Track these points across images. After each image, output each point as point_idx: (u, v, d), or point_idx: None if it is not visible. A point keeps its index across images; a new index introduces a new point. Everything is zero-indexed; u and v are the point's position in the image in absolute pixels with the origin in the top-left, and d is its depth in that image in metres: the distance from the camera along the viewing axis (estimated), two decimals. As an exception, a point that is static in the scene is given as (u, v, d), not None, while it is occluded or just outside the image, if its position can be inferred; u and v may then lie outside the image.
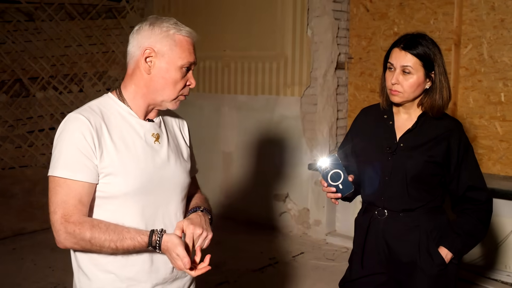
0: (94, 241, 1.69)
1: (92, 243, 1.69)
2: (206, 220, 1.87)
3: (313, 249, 4.99)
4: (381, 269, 2.31)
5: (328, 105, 5.22)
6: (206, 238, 1.80)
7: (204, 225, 1.81)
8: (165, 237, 1.71)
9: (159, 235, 1.71)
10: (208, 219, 1.90)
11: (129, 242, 1.70)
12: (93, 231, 1.68)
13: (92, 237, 1.68)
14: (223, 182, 5.97)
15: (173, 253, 1.69)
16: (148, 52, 1.79)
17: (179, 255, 1.67)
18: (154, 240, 1.71)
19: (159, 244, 1.70)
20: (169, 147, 1.93)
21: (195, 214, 1.88)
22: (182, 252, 1.67)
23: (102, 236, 1.69)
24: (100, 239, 1.68)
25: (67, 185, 1.71)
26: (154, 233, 1.72)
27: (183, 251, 1.67)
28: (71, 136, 1.73)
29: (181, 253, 1.67)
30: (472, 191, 2.26)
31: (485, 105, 4.50)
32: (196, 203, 2.03)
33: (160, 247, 1.71)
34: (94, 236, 1.68)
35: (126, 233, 1.71)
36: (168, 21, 1.83)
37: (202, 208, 1.95)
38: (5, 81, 5.38)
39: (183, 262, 1.67)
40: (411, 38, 2.21)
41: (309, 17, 5.16)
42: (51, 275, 4.32)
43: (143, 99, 1.85)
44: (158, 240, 1.70)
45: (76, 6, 5.79)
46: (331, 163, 2.09)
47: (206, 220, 1.86)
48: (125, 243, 1.70)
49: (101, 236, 1.69)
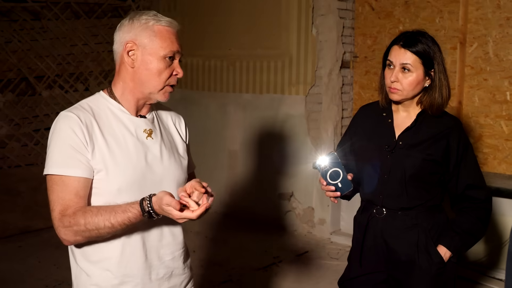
0: (89, 225, 1.68)
1: (88, 228, 1.68)
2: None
3: (317, 248, 4.98)
4: (380, 268, 2.31)
5: (333, 104, 5.21)
6: (206, 187, 1.70)
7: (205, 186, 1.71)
8: (153, 198, 1.66)
9: (149, 199, 1.67)
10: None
11: (123, 216, 1.67)
12: (85, 216, 1.68)
13: (86, 222, 1.68)
14: (228, 181, 5.97)
15: (164, 207, 1.62)
16: (129, 46, 1.81)
17: (169, 204, 1.60)
18: (145, 205, 1.66)
19: (151, 207, 1.65)
20: (163, 142, 1.92)
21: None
22: (169, 198, 1.60)
23: (95, 218, 1.68)
24: (94, 221, 1.67)
25: (62, 182, 1.73)
26: (143, 200, 1.67)
27: (170, 197, 1.60)
28: (62, 134, 1.74)
29: (168, 200, 1.60)
30: (471, 190, 2.25)
31: (490, 104, 4.48)
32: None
33: (154, 210, 1.65)
34: (88, 221, 1.67)
35: (118, 208, 1.69)
36: (148, 14, 1.83)
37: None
38: (11, 79, 5.41)
39: (172, 205, 1.59)
40: (411, 36, 2.20)
41: (314, 15, 5.15)
42: (55, 272, 4.33)
43: (131, 94, 1.86)
44: (148, 203, 1.66)
45: (82, 5, 5.82)
46: (330, 162, 2.08)
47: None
48: (119, 217, 1.67)
49: (94, 219, 1.68)
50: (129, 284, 1.84)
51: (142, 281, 1.85)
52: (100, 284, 1.83)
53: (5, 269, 4.41)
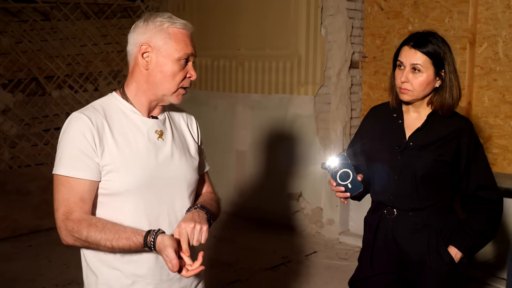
0: (91, 240, 1.70)
1: (89, 241, 1.71)
2: (200, 215, 1.80)
3: (326, 248, 4.98)
4: (390, 268, 2.31)
5: (341, 104, 5.21)
6: (201, 230, 1.73)
7: (196, 219, 1.75)
8: (159, 238, 1.67)
9: (154, 235, 1.68)
10: (204, 214, 1.84)
11: (125, 242, 1.69)
12: (89, 230, 1.70)
13: (88, 235, 1.70)
14: (237, 181, 5.98)
15: (164, 255, 1.65)
16: (144, 48, 1.81)
17: (168, 257, 1.63)
18: (148, 241, 1.68)
19: (154, 245, 1.67)
20: (174, 143, 1.93)
21: (188, 213, 1.83)
22: (171, 254, 1.63)
23: (98, 235, 1.69)
24: (96, 238, 1.69)
25: (68, 183, 1.74)
26: (149, 234, 1.69)
27: (172, 252, 1.63)
28: (72, 135, 1.76)
29: (170, 255, 1.63)
30: (482, 190, 2.24)
31: (500, 104, 4.46)
32: (197, 202, 1.99)
33: (155, 248, 1.68)
34: (90, 235, 1.69)
35: (122, 232, 1.70)
36: (162, 16, 1.83)
37: (197, 206, 1.89)
38: (21, 80, 5.45)
39: (172, 264, 1.62)
40: (421, 36, 2.20)
41: (323, 16, 5.15)
42: (65, 272, 4.36)
43: (144, 95, 1.87)
44: (152, 241, 1.67)
45: (91, 5, 5.85)
46: (340, 163, 2.08)
47: (199, 215, 1.80)
48: (121, 243, 1.69)
49: (97, 235, 1.69)
50: (140, 284, 1.84)
51: (153, 281, 1.85)
52: (111, 283, 1.84)
53: (16, 268, 4.44)
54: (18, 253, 4.81)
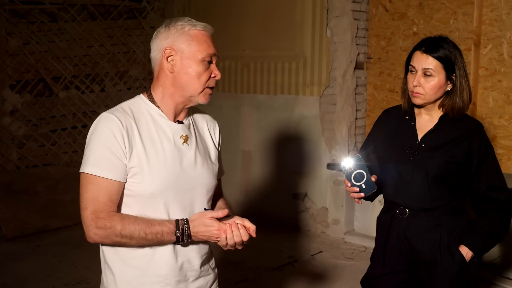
0: (125, 232, 1.75)
1: (123, 234, 1.75)
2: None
3: (331, 248, 5.02)
4: (402, 267, 2.35)
5: (347, 105, 5.25)
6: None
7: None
8: (190, 221, 1.81)
9: (185, 220, 1.81)
10: None
11: (158, 228, 1.78)
12: (123, 223, 1.76)
13: (122, 228, 1.75)
14: (243, 181, 6.02)
15: (207, 220, 1.79)
16: (168, 52, 1.86)
17: (212, 225, 1.78)
18: (181, 223, 1.80)
19: (187, 226, 1.79)
20: (197, 149, 1.97)
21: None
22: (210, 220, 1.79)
23: (132, 227, 1.76)
24: (130, 229, 1.76)
25: (97, 182, 1.78)
26: (180, 220, 1.81)
27: (212, 219, 1.79)
28: (102, 135, 1.79)
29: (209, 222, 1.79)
30: (492, 191, 2.28)
31: (504, 105, 4.50)
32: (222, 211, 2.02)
33: (188, 232, 1.79)
34: (125, 227, 1.75)
35: (154, 221, 1.80)
36: (182, 20, 1.89)
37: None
38: (29, 80, 5.49)
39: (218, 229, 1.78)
40: (433, 41, 2.24)
41: (329, 17, 5.19)
42: (74, 271, 4.39)
43: (171, 99, 1.91)
44: (185, 222, 1.80)
45: (98, 7, 5.89)
46: (355, 164, 2.13)
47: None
48: (153, 229, 1.77)
49: (131, 227, 1.76)
50: (160, 284, 1.88)
51: (172, 282, 1.89)
52: (131, 282, 1.87)
53: (25, 268, 4.47)
54: (26, 253, 4.83)
